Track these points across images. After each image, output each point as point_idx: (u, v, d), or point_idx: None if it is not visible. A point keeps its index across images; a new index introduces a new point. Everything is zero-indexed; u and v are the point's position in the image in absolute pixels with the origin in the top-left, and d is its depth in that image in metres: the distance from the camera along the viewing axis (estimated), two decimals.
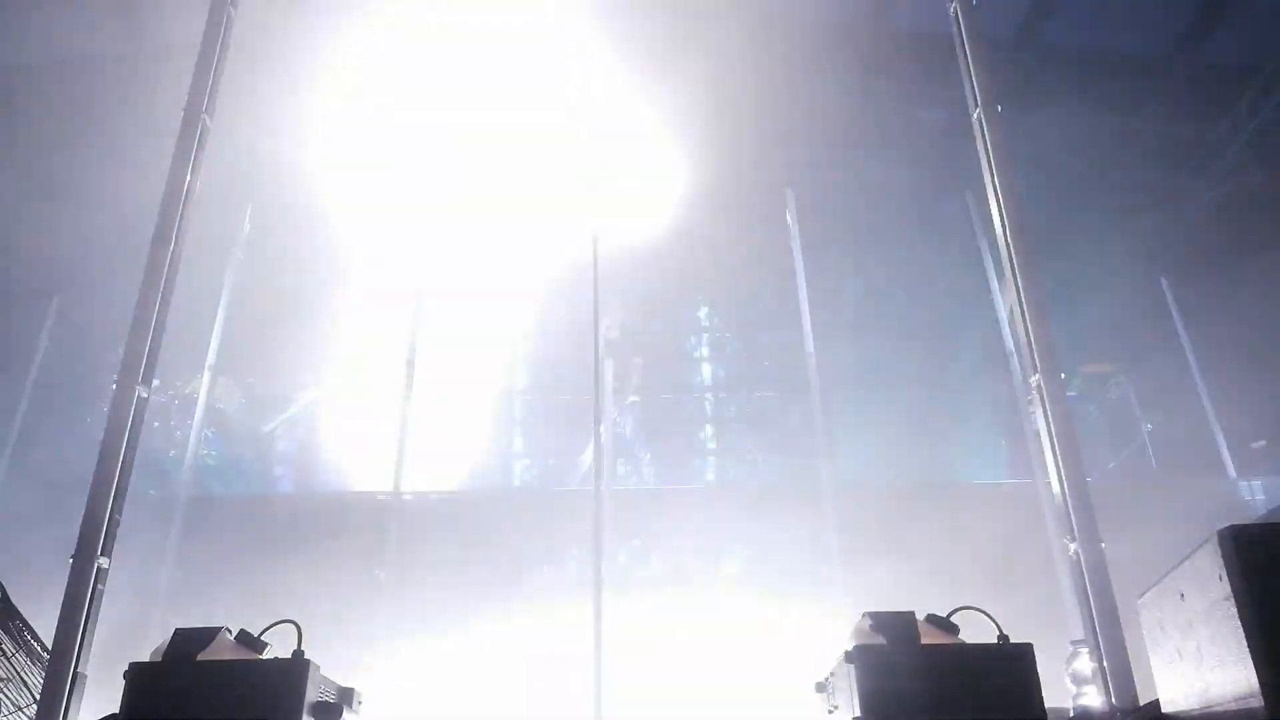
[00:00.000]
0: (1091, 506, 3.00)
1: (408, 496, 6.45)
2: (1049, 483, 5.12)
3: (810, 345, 6.88)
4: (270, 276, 8.24)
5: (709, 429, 8.76)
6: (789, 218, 7.34)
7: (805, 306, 7.17)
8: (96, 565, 3.16)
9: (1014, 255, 3.47)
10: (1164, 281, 7.54)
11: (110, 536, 3.21)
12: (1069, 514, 3.05)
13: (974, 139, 4.27)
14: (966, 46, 4.10)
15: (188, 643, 2.43)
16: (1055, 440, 3.14)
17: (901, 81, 8.30)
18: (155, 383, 7.43)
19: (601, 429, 4.79)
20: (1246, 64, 7.43)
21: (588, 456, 7.89)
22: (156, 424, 7.58)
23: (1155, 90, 7.74)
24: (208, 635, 2.46)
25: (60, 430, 7.56)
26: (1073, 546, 3.06)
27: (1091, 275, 8.21)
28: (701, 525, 6.42)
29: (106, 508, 3.22)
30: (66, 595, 3.01)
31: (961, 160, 8.05)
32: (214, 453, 7.77)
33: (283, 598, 5.87)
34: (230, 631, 2.51)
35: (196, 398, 7.13)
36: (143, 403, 3.42)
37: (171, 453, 7.66)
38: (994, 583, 5.98)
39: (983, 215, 7.22)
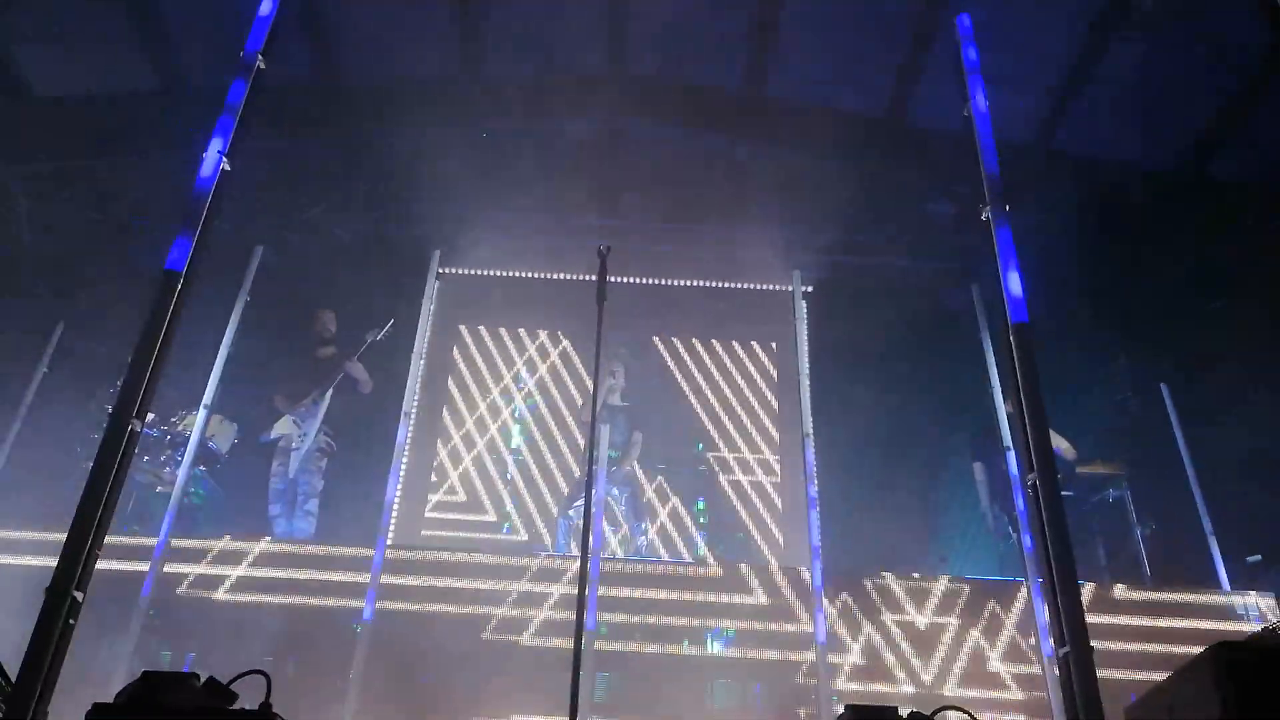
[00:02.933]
0: (1083, 612, 2.97)
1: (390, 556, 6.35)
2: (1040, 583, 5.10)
3: (808, 426, 6.85)
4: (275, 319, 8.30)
5: (701, 503, 8.73)
6: (796, 298, 7.41)
7: (806, 386, 7.16)
8: (71, 598, 3.10)
9: (1015, 353, 3.48)
10: (1164, 389, 7.58)
11: (88, 570, 3.15)
12: (1059, 617, 3.01)
13: (982, 236, 4.30)
14: (979, 146, 4.17)
15: (154, 687, 2.37)
16: (1050, 542, 3.11)
17: (914, 175, 8.51)
18: (150, 415, 7.41)
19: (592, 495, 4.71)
20: (1252, 180, 7.61)
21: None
22: (146, 458, 7.54)
23: (1160, 202, 7.91)
24: (175, 680, 2.40)
25: (51, 459, 7.52)
26: (1062, 651, 3.01)
27: (1093, 378, 8.28)
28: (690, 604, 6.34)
29: (87, 540, 3.17)
30: (37, 627, 2.95)
31: (971, 256, 8.26)
32: (202, 491, 7.71)
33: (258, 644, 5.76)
34: (199, 678, 2.46)
35: (189, 435, 7.10)
36: (134, 438, 3.40)
37: (159, 489, 7.61)
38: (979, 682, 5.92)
39: (987, 308, 7.32)
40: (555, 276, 8.77)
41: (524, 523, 8.65)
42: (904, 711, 2.45)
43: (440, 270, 8.00)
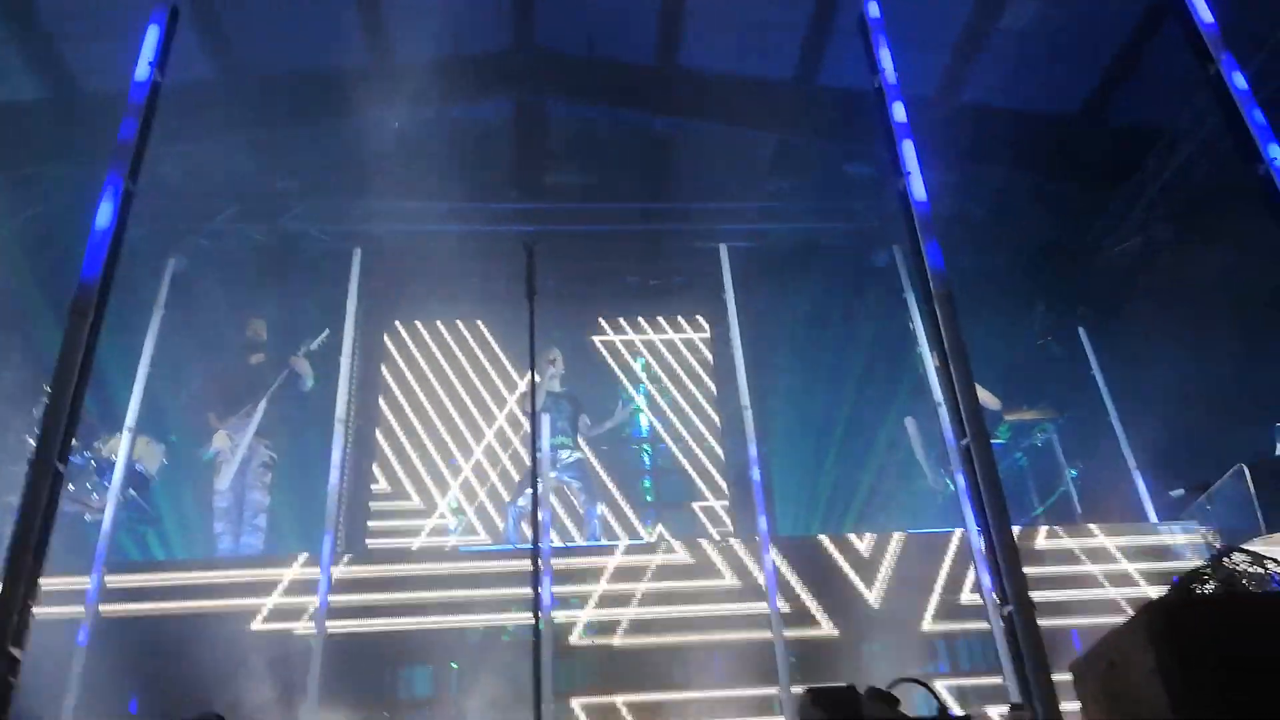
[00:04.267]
0: (1023, 572, 3.08)
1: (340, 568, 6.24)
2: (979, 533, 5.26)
3: (745, 399, 6.94)
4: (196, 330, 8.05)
5: (647, 482, 8.81)
6: (724, 274, 7.46)
7: (740, 361, 7.23)
8: (8, 655, 3.00)
9: (939, 319, 3.57)
10: (1081, 330, 7.86)
11: (23, 625, 3.04)
12: (1000, 578, 3.12)
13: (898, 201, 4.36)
14: (890, 117, 4.23)
15: None
16: (986, 506, 3.22)
17: (829, 138, 8.59)
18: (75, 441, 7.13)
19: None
20: (1151, 126, 7.86)
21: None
22: (72, 486, 7.27)
23: (1064, 150, 8.14)
24: None
25: None
26: (1006, 609, 3.13)
27: (1012, 326, 8.54)
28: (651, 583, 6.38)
29: (19, 594, 3.06)
30: None
31: (892, 217, 8.39)
32: (134, 514, 7.48)
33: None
34: None
35: (114, 459, 6.86)
36: (59, 479, 3.28)
37: (87, 516, 7.35)
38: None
39: (908, 268, 7.47)
40: (481, 265, 8.63)
41: (479, 518, 8.58)
42: (862, 689, 2.53)
43: (362, 267, 7.82)
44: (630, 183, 8.79)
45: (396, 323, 9.31)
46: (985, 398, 7.32)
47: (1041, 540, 6.55)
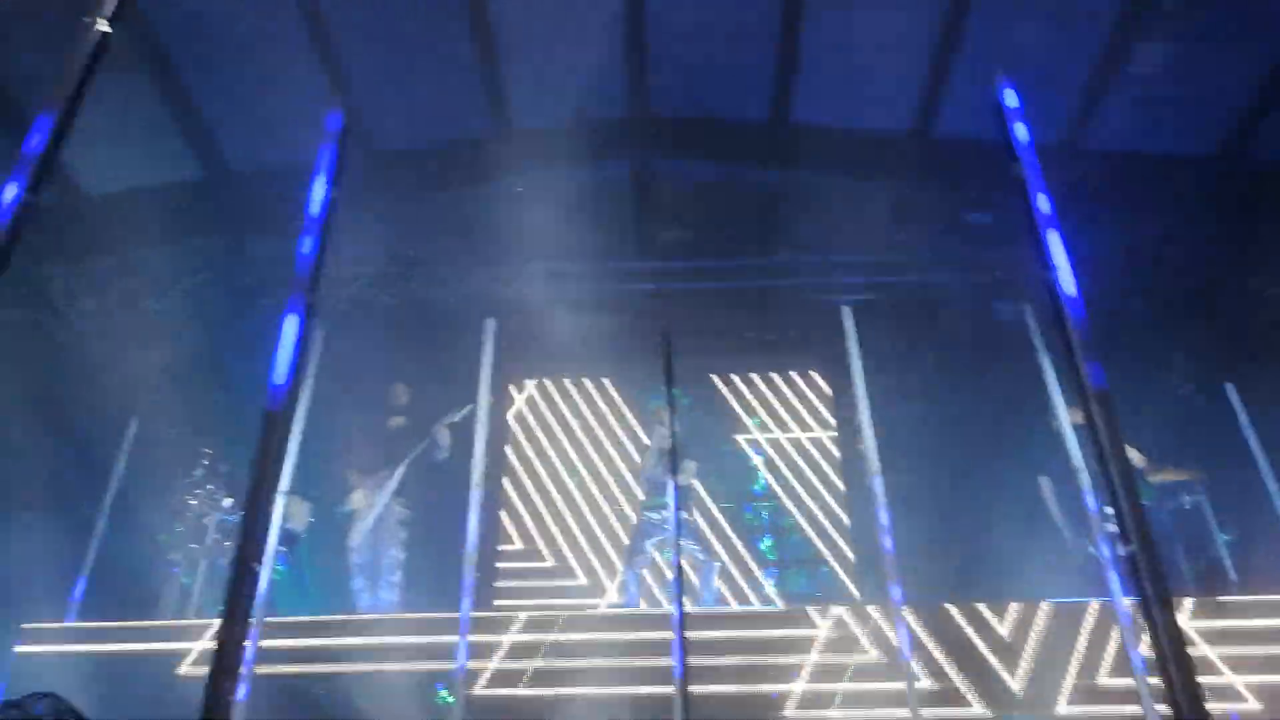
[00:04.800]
0: (1183, 641, 2.93)
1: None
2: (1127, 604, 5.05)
3: (875, 464, 6.78)
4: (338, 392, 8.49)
5: (768, 540, 8.79)
6: (847, 332, 7.35)
7: (868, 422, 7.09)
8: None
9: (1099, 426, 3.45)
10: (1230, 387, 7.46)
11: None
12: (1162, 646, 2.97)
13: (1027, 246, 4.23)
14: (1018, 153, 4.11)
15: None
16: (1143, 574, 3.07)
17: (948, 189, 8.47)
18: (228, 501, 7.58)
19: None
20: None
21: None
22: (228, 543, 7.76)
23: (1201, 192, 7.80)
24: None
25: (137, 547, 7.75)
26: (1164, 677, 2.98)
27: (1149, 377, 8.16)
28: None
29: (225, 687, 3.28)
30: None
31: (1016, 268, 8.21)
32: (281, 568, 7.90)
33: None
34: None
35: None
36: (255, 577, 3.54)
37: None
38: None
39: (1042, 326, 7.25)
40: (604, 323, 8.83)
41: (585, 572, 8.76)
42: None
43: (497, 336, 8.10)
44: (746, 238, 8.89)
45: (525, 381, 9.65)
46: (1130, 454, 6.99)
47: (1193, 615, 6.20)
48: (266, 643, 6.36)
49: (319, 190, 4.11)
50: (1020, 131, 3.97)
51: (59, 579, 7.20)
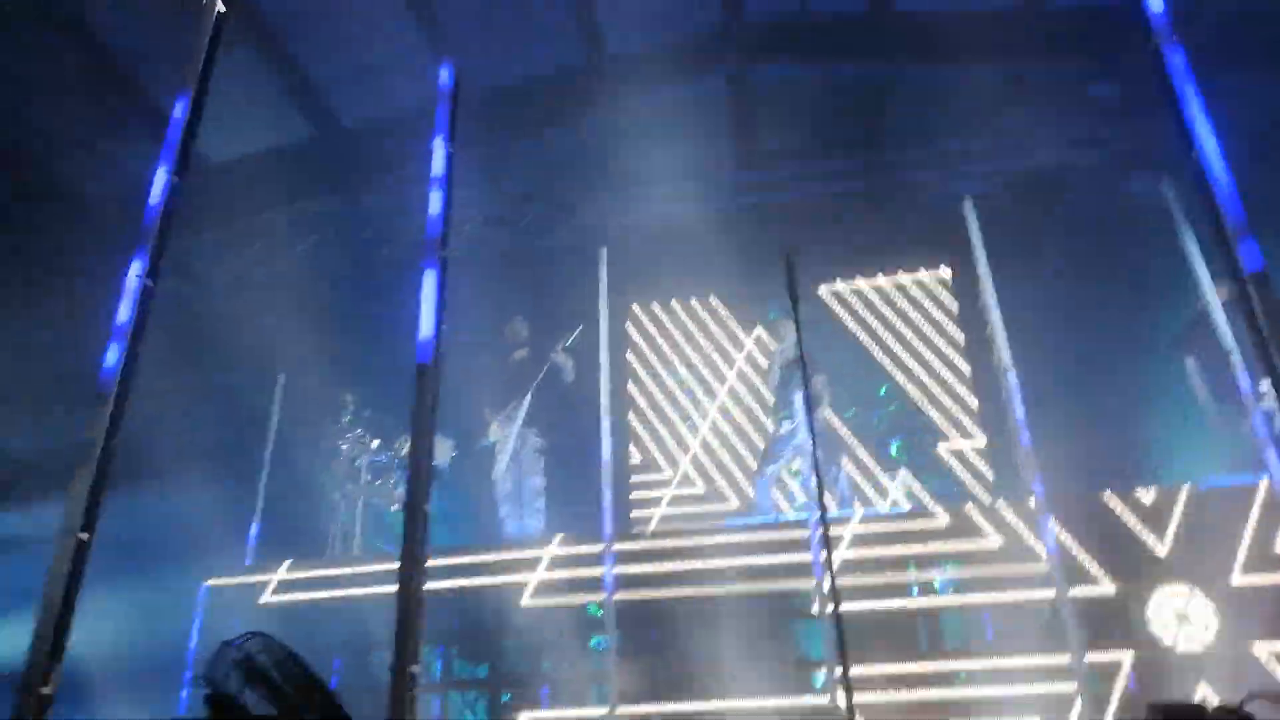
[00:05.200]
0: None
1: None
2: None
3: (1007, 358, 6.60)
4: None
5: (896, 443, 8.76)
6: (970, 225, 7.10)
7: (997, 317, 6.86)
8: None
9: (1259, 319, 3.29)
10: None
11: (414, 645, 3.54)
12: None
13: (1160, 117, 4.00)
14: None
15: None
16: None
17: (1065, 63, 7.97)
18: (376, 442, 8.01)
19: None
20: None
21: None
22: (378, 482, 8.25)
23: None
24: None
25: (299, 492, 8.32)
26: None
27: None
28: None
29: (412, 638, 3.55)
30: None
31: (1147, 140, 7.72)
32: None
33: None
34: None
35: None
36: (427, 518, 3.82)
37: (394, 508, 8.29)
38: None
39: (1182, 200, 6.85)
40: (711, 241, 8.79)
41: (731, 488, 8.94)
42: (1210, 704, 2.48)
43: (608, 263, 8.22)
44: (853, 139, 8.62)
45: (635, 306, 9.77)
46: None
47: None
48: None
49: (439, 150, 4.24)
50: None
51: (236, 526, 7.82)
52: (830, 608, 4.41)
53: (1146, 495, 6.15)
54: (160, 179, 3.65)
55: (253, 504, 8.04)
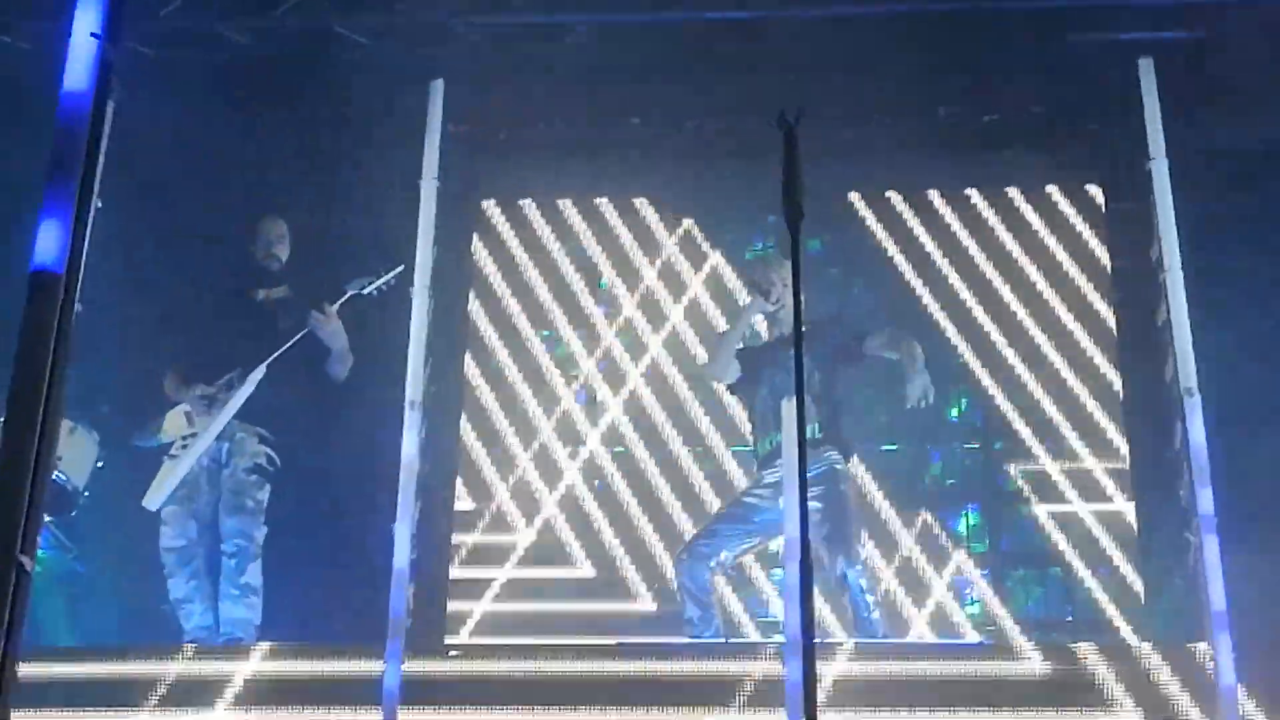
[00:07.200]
0: None
1: None
2: None
3: (1189, 377, 3.90)
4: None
5: (973, 512, 4.95)
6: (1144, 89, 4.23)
7: (1179, 280, 4.00)
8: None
9: None
10: None
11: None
12: None
13: None
14: None
15: None
16: None
17: None
18: None
19: None
20: None
21: None
22: None
23: None
24: None
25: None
26: None
27: None
28: None
29: None
30: None
31: None
32: (43, 554, 4.44)
33: None
34: None
35: None
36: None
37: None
38: None
39: None
40: (645, 95, 4.77)
41: (641, 573, 4.88)
42: None
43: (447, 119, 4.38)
44: None
45: (491, 205, 5.45)
46: None
47: None
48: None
49: None
50: None
51: None
52: None
53: None
54: None
55: None
